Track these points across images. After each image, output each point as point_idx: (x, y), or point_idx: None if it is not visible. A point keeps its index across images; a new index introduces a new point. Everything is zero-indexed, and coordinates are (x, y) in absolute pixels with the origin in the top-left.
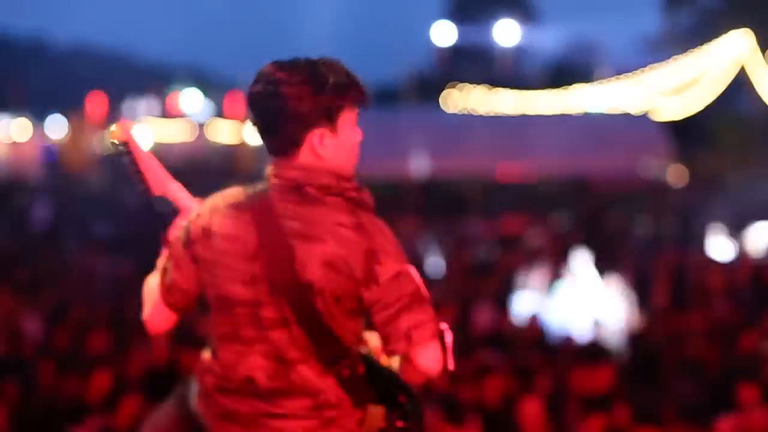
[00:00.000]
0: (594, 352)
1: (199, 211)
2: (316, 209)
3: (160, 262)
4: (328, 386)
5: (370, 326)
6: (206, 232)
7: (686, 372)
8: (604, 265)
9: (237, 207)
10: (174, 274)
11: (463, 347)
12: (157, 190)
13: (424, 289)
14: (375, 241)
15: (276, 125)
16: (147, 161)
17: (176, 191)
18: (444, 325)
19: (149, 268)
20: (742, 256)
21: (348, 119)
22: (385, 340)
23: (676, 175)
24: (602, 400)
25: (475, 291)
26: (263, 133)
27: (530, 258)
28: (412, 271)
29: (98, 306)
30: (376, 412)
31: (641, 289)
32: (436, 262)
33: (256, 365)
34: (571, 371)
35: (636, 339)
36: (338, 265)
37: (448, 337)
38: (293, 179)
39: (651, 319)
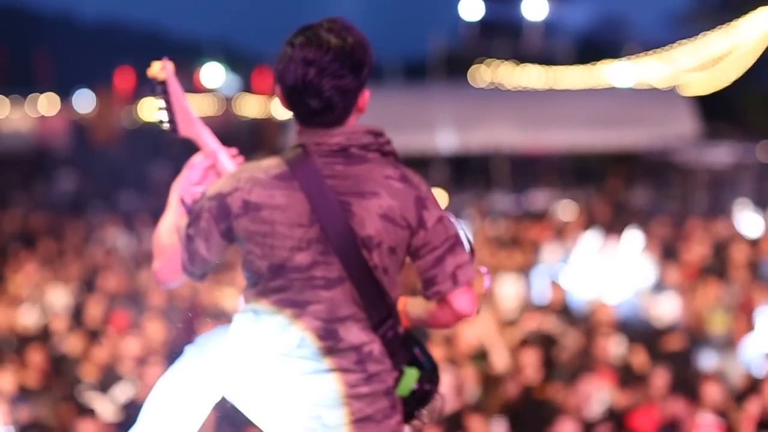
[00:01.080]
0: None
1: (234, 185)
2: (364, 166)
3: (180, 222)
4: (373, 342)
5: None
6: (250, 205)
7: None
8: (631, 240)
9: (283, 177)
10: (200, 244)
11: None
12: (184, 131)
13: (460, 233)
14: (420, 189)
15: (333, 104)
16: (181, 102)
17: (204, 135)
18: (483, 269)
19: None
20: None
21: None
22: (431, 281)
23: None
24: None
25: (502, 264)
26: (317, 114)
27: (557, 232)
28: (451, 215)
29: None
30: (411, 373)
31: (668, 263)
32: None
33: (307, 327)
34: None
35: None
36: (394, 216)
37: (487, 281)
38: (338, 144)
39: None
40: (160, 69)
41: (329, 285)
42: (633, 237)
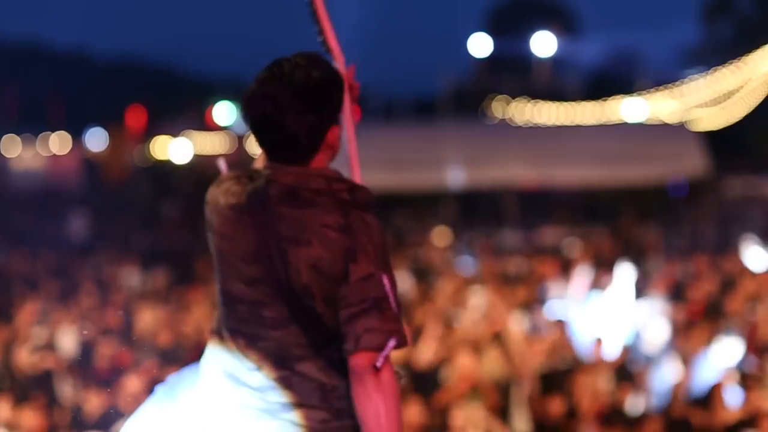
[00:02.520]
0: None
1: (209, 196)
2: (308, 211)
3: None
4: (333, 378)
5: None
6: (209, 225)
7: None
8: (639, 277)
9: (237, 209)
10: None
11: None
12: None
13: (390, 299)
14: (357, 240)
15: (297, 141)
16: (327, 21)
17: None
18: (393, 343)
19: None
20: None
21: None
22: (342, 337)
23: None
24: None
25: (508, 301)
26: (280, 149)
27: (566, 268)
28: (386, 278)
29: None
30: None
31: (676, 299)
32: (471, 272)
33: (261, 358)
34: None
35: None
36: (323, 268)
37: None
38: (287, 184)
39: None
40: None
41: (276, 325)
42: (627, 272)
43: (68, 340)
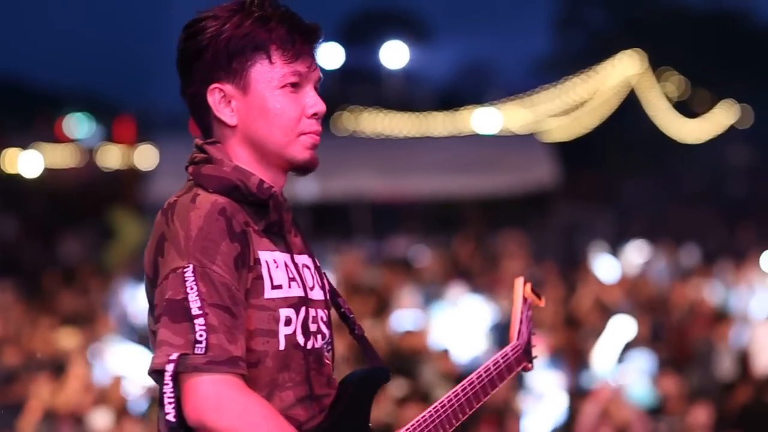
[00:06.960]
0: None
1: None
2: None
3: None
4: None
5: None
6: None
7: None
8: (487, 285)
9: None
10: None
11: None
12: None
13: (191, 300)
14: (171, 225)
15: (181, 75)
16: None
17: None
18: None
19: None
20: (622, 275)
21: (265, 72)
22: None
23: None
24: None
25: (357, 311)
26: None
27: (415, 278)
28: (192, 273)
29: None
30: None
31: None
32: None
33: None
34: None
35: None
36: (145, 264)
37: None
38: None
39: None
40: None
41: None
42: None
43: None
